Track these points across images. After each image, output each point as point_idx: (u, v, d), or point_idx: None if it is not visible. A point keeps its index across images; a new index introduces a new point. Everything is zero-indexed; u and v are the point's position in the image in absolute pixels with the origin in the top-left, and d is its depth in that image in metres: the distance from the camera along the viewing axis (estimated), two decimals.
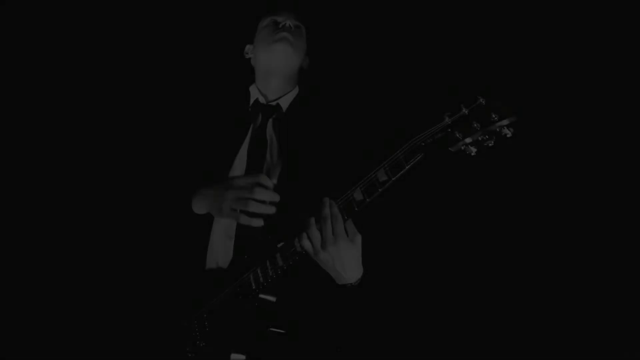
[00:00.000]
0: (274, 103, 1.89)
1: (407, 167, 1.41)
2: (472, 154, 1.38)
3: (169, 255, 1.90)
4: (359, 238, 1.50)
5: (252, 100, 1.94)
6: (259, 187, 1.59)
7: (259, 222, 1.58)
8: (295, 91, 1.96)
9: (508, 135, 1.35)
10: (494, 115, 1.33)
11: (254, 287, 1.64)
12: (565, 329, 2.07)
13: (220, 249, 1.81)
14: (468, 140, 1.36)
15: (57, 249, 2.46)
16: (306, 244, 1.49)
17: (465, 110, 1.37)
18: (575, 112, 2.06)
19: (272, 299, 1.65)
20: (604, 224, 2.05)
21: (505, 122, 1.33)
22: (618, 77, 2.04)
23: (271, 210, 1.59)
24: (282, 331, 1.64)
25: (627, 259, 2.02)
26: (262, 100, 1.92)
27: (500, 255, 2.13)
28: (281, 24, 1.92)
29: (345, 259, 1.48)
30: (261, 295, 1.64)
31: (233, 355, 1.66)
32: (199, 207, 1.75)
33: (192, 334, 1.78)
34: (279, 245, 1.60)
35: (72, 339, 2.40)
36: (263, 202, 1.59)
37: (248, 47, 2.08)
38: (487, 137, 1.36)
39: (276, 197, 1.58)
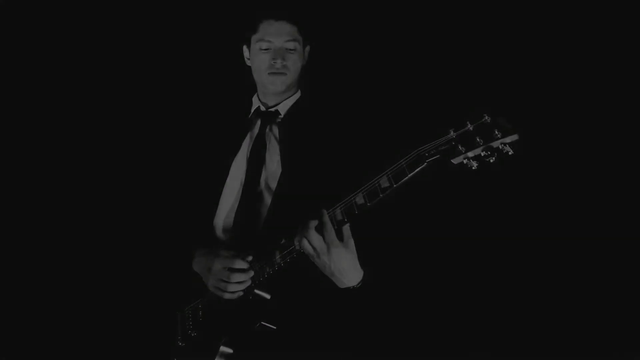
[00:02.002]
0: (273, 109, 1.94)
1: (409, 176, 1.45)
2: (473, 167, 1.42)
3: (169, 250, 1.95)
4: (352, 243, 1.53)
5: (253, 109, 1.99)
6: (234, 272, 1.70)
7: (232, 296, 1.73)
8: (297, 95, 1.98)
9: (510, 153, 1.40)
10: (497, 132, 1.38)
11: (250, 283, 1.68)
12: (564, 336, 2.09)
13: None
14: (470, 154, 1.40)
15: (57, 244, 2.51)
16: (306, 248, 1.54)
17: (470, 127, 1.42)
18: (582, 130, 2.10)
19: (266, 295, 1.68)
20: (602, 245, 2.08)
21: (507, 139, 1.38)
22: (623, 99, 2.08)
23: (242, 286, 1.71)
24: (272, 327, 1.67)
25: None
26: (262, 108, 1.96)
27: (497, 257, 2.17)
28: (274, 60, 1.84)
29: (340, 265, 1.52)
30: (256, 291, 1.68)
31: (222, 348, 1.69)
32: (196, 269, 1.85)
33: (185, 323, 1.82)
34: (282, 242, 1.64)
35: (67, 326, 2.43)
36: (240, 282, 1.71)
37: (246, 52, 1.98)
38: (488, 153, 1.40)
39: (249, 275, 1.71)
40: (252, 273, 1.70)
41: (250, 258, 1.71)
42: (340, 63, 2.31)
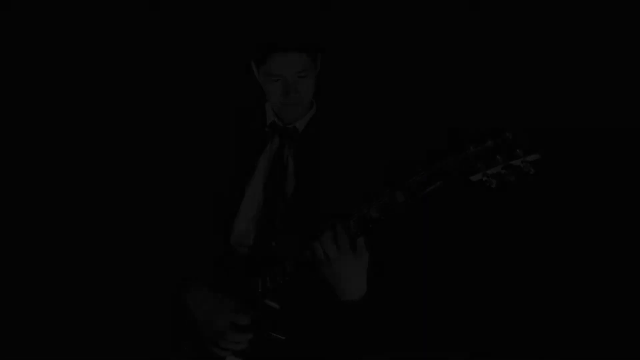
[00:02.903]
0: (290, 126, 1.86)
1: (425, 191, 1.41)
2: (492, 186, 1.36)
3: (181, 256, 1.92)
4: (366, 257, 1.49)
5: (268, 120, 1.90)
6: (231, 331, 1.66)
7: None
8: (313, 110, 1.91)
9: (531, 172, 1.34)
10: (518, 150, 1.33)
11: (260, 290, 1.67)
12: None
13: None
14: (489, 172, 1.35)
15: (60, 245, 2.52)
16: (318, 253, 1.50)
17: (490, 142, 1.37)
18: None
19: (275, 306, 1.66)
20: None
21: (528, 158, 1.32)
22: None
23: (243, 346, 1.67)
24: (282, 337, 1.65)
25: None
26: (279, 122, 1.88)
27: (507, 271, 2.15)
28: (287, 94, 1.74)
29: (349, 276, 1.49)
30: (266, 301, 1.66)
31: (228, 358, 1.68)
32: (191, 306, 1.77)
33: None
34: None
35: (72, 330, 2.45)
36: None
37: (255, 68, 1.85)
38: (508, 171, 1.34)
39: (247, 337, 1.67)
40: (250, 335, 1.67)
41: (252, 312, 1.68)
42: (352, 74, 2.26)
